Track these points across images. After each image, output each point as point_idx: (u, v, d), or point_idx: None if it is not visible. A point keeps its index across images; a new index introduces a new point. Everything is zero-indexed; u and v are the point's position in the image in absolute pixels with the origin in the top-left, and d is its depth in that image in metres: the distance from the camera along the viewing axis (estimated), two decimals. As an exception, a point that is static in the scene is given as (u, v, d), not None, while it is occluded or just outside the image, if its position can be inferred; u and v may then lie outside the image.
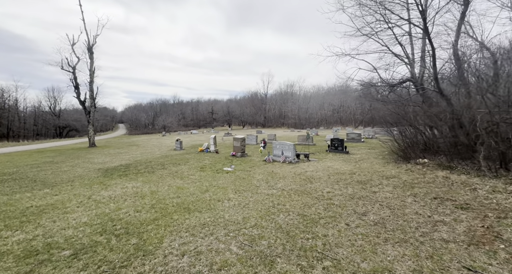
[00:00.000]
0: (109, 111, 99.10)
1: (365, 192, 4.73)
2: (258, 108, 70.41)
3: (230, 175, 7.39)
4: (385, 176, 5.88)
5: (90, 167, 10.42)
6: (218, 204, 4.50)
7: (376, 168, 6.96)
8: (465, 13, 6.79)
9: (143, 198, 5.36)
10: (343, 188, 5.08)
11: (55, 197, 5.77)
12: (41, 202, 5.29)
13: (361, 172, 6.59)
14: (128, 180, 7.43)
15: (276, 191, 5.19)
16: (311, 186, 5.37)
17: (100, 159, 13.12)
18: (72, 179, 7.84)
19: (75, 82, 22.32)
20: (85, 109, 22.66)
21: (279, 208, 4.01)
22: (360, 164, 8.00)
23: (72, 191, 6.30)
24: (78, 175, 8.67)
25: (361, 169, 7.06)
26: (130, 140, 32.40)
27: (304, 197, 4.56)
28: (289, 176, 6.77)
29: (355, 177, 6.02)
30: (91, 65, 22.56)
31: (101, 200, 5.37)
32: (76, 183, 7.27)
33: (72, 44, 22.23)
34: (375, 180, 5.50)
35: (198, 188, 5.93)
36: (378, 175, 6.11)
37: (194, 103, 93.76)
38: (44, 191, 6.40)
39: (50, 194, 6.06)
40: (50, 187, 6.79)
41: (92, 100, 22.71)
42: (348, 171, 6.90)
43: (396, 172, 6.19)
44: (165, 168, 9.35)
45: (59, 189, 6.58)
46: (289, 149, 9.26)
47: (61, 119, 58.41)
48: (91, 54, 22.54)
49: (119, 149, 18.75)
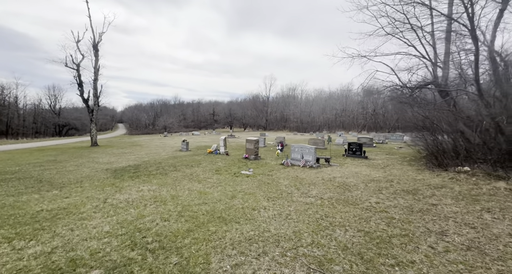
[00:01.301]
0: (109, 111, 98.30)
1: (421, 203, 4.21)
2: (260, 111, 69.98)
3: (252, 179, 6.90)
4: (431, 185, 5.37)
5: (97, 167, 9.89)
6: (254, 214, 4.00)
7: (413, 176, 6.48)
8: (503, 11, 6.40)
9: (165, 203, 4.85)
10: (391, 198, 4.59)
11: (66, 199, 5.24)
12: (52, 205, 4.76)
13: (399, 180, 6.10)
14: (141, 182, 6.91)
15: (313, 199, 4.69)
16: (351, 195, 4.88)
17: (105, 158, 12.58)
18: (80, 180, 7.31)
19: (79, 80, 21.81)
20: (88, 108, 22.13)
21: (330, 221, 3.51)
22: (389, 170, 7.52)
23: (83, 193, 5.78)
24: (85, 175, 8.14)
25: (396, 176, 6.56)
26: (132, 140, 31.79)
27: (350, 207, 4.07)
28: (318, 182, 6.28)
29: (396, 186, 5.53)
30: (95, 63, 22.10)
31: (118, 204, 4.86)
32: (85, 184, 6.75)
33: (77, 41, 21.77)
34: (424, 190, 5.00)
35: (223, 193, 5.43)
36: (421, 183, 5.60)
37: (195, 104, 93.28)
38: (52, 192, 5.87)
39: (60, 196, 5.53)
40: (59, 188, 6.26)
41: (95, 99, 22.20)
42: (383, 178, 6.42)
43: (440, 181, 5.69)
44: (177, 169, 8.84)
45: (69, 190, 6.05)
46: (309, 153, 8.78)
47: (61, 118, 57.68)
48: (96, 52, 22.09)
49: (122, 149, 18.19)
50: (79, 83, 21.57)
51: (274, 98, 72.69)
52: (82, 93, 21.73)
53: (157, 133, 56.01)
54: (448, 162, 6.80)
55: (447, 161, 6.85)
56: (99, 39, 22.09)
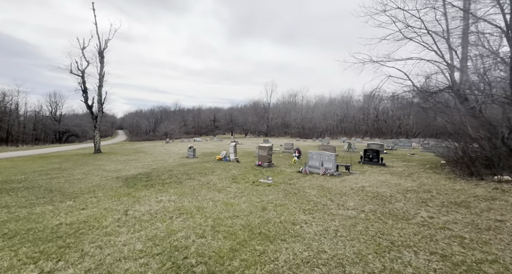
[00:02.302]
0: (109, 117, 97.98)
1: (483, 219, 3.78)
2: (261, 117, 69.96)
3: (275, 189, 6.55)
4: (479, 197, 4.95)
5: (105, 175, 9.51)
6: (297, 229, 3.64)
7: (449, 185, 6.10)
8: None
9: (192, 216, 4.48)
10: (443, 211, 4.18)
11: (83, 211, 4.86)
12: (70, 218, 4.38)
13: (437, 190, 5.70)
14: (157, 192, 6.54)
15: (354, 212, 4.34)
16: (395, 207, 4.52)
17: (111, 166, 12.20)
18: (92, 189, 6.93)
19: (83, 86, 21.63)
20: (92, 114, 21.86)
21: (389, 240, 3.11)
22: (418, 179, 7.17)
23: (99, 204, 5.40)
24: (96, 184, 7.76)
25: (431, 186, 6.16)
26: (134, 147, 31.37)
27: (403, 223, 3.69)
28: (347, 192, 5.94)
29: (439, 197, 5.11)
30: (101, 70, 21.98)
31: (141, 217, 4.48)
32: (99, 194, 6.37)
33: (83, 48, 21.71)
34: (474, 202, 4.60)
35: (251, 205, 5.07)
36: (465, 194, 5.15)
37: (195, 110, 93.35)
38: (66, 203, 5.49)
39: (75, 207, 5.15)
40: (72, 199, 5.88)
41: (100, 105, 21.97)
42: (417, 187, 6.06)
43: (484, 192, 5.30)
44: (191, 178, 8.47)
45: (83, 201, 5.67)
46: (329, 160, 8.47)
47: (62, 125, 57.27)
48: (101, 58, 22.02)
49: (127, 156, 17.80)
50: (83, 89, 21.38)
51: (275, 104, 72.93)
52: (86, 100, 21.52)
53: (158, 140, 55.60)
54: (481, 171, 6.50)
55: (481, 169, 6.55)
56: (104, 46, 22.08)
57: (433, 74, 10.55)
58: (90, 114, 21.89)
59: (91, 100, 21.64)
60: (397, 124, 48.90)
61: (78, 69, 21.26)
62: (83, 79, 21.49)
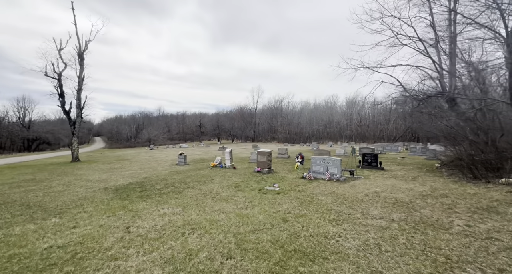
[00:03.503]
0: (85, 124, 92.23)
1: None
2: (248, 122, 69.66)
3: (285, 197, 6.18)
4: (501, 201, 4.95)
5: (90, 185, 8.57)
6: (334, 244, 3.28)
7: (461, 189, 6.09)
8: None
9: (207, 231, 3.97)
10: (477, 218, 4.05)
11: (74, 230, 4.15)
12: (62, 240, 3.68)
13: (452, 194, 5.67)
14: (156, 203, 5.90)
15: (384, 221, 4.09)
16: (423, 215, 4.31)
17: (94, 175, 11.14)
18: (79, 203, 6.10)
19: (60, 90, 19.99)
20: (70, 120, 20.21)
21: (444, 255, 2.77)
22: (426, 183, 7.17)
23: (92, 220, 4.69)
24: (82, 196, 6.90)
25: (443, 190, 6.14)
26: (116, 154, 29.45)
27: (443, 233, 3.42)
28: (363, 198, 5.73)
29: (460, 202, 5.05)
30: (80, 72, 20.54)
31: (147, 234, 3.89)
32: (89, 208, 5.60)
33: (59, 49, 20.20)
34: (500, 207, 4.56)
35: (268, 216, 4.65)
36: (485, 199, 5.15)
37: (179, 116, 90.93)
38: (51, 220, 4.71)
39: (64, 225, 4.40)
40: (57, 215, 5.08)
41: (79, 110, 20.43)
42: (430, 192, 6.01)
43: (501, 196, 5.32)
44: (190, 186, 7.86)
45: (72, 217, 4.91)
46: (334, 165, 8.30)
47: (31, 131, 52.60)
48: (81, 61, 20.63)
49: (110, 164, 16.51)
50: (60, 93, 19.75)
51: (262, 110, 73.13)
52: (63, 105, 19.88)
53: (140, 147, 53.00)
54: (484, 174, 6.66)
55: (484, 172, 6.71)
56: (85, 47, 20.75)
57: (424, 80, 10.99)
58: (68, 120, 20.21)
59: (69, 105, 20.07)
60: (379, 129, 51.03)
61: (54, 71, 19.64)
62: (59, 82, 19.87)
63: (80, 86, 20.32)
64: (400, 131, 49.66)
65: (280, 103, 70.72)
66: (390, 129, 50.84)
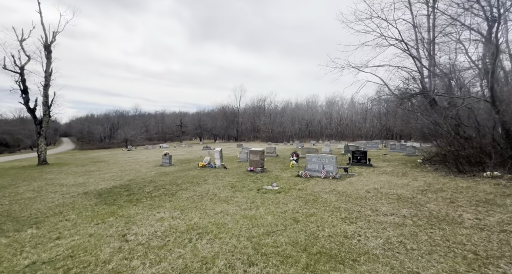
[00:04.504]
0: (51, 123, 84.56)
1: None
2: (231, 122, 68.83)
3: (288, 196, 6.01)
4: (496, 194, 5.19)
5: (67, 190, 7.70)
6: (357, 244, 3.14)
7: (452, 183, 6.42)
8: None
9: (216, 236, 3.64)
10: (482, 211, 4.17)
11: (59, 241, 3.59)
12: (47, 254, 3.13)
13: (447, 188, 5.92)
14: (150, 207, 5.40)
15: (396, 218, 4.06)
16: (431, 209, 4.35)
17: (69, 179, 10.10)
18: (58, 210, 5.38)
19: (22, 86, 17.91)
20: (35, 119, 18.22)
21: (471, 250, 2.82)
22: (418, 178, 7.44)
23: (78, 229, 4.11)
24: (59, 203, 6.13)
25: (437, 184, 6.42)
26: (89, 156, 27.28)
27: (459, 228, 3.45)
28: (366, 195, 5.74)
29: (457, 195, 5.27)
30: (47, 66, 18.62)
31: (149, 242, 3.47)
32: (71, 216, 4.95)
33: (21, 40, 18.10)
34: (497, 200, 4.78)
35: (277, 217, 4.43)
36: (480, 192, 5.42)
37: (158, 115, 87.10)
38: (27, 232, 4.05)
39: (44, 237, 3.79)
40: (33, 225, 4.40)
41: (46, 108, 18.48)
42: (426, 186, 6.24)
43: (491, 188, 5.64)
44: (183, 188, 7.38)
45: (52, 227, 4.27)
46: (330, 163, 8.32)
47: (-15, 131, 46.88)
48: (48, 53, 18.70)
49: (84, 167, 15.18)
50: (23, 89, 17.70)
51: (245, 109, 72.72)
52: (27, 102, 17.86)
53: (116, 147, 49.78)
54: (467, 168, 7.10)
55: (467, 166, 7.15)
56: (52, 39, 18.82)
57: (408, 80, 11.55)
58: (33, 118, 18.17)
59: (34, 102, 18.05)
60: (357, 128, 53.42)
61: (15, 64, 17.52)
62: (22, 77, 17.80)
63: (47, 81, 18.41)
64: (376, 129, 52.41)
65: (263, 103, 70.91)
66: (367, 128, 53.48)
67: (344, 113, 62.23)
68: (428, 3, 12.03)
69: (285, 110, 67.92)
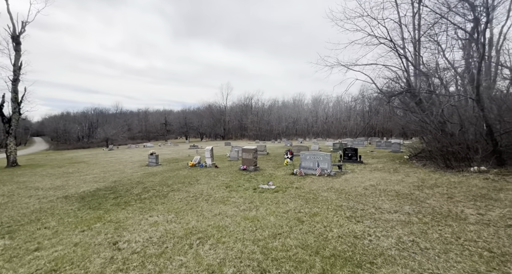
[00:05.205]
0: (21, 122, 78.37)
1: None
2: (218, 120, 67.82)
3: (287, 195, 5.85)
4: (488, 188, 5.36)
5: (43, 194, 7.03)
6: (368, 244, 3.04)
7: (444, 178, 6.60)
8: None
9: (219, 240, 3.38)
10: (482, 206, 4.26)
11: (38, 253, 3.15)
12: (24, 269, 2.72)
13: (442, 184, 6.06)
14: (140, 211, 5.01)
15: (401, 215, 4.01)
16: (432, 206, 4.34)
17: (45, 182, 9.29)
18: (34, 217, 4.83)
19: (-13, 79, 16.28)
20: (3, 117, 16.72)
21: (485, 248, 2.82)
22: (410, 174, 7.60)
23: (60, 237, 3.66)
24: (35, 209, 5.53)
25: (430, 180, 6.57)
26: (66, 156, 25.56)
27: (465, 224, 3.48)
28: (365, 192, 5.73)
29: (452, 190, 5.40)
30: (16, 59, 17.09)
31: (144, 250, 3.14)
32: (51, 223, 4.45)
33: (-16, 28, 16.44)
34: (491, 194, 4.94)
35: (280, 217, 4.24)
36: (472, 186, 5.60)
37: (142, 113, 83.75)
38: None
39: (19, 248, 3.32)
40: (5, 235, 3.89)
41: (16, 105, 16.98)
42: (420, 182, 6.37)
43: (482, 182, 5.85)
44: (175, 189, 7.00)
45: (29, 236, 3.78)
46: (324, 160, 8.29)
47: None
48: (17, 45, 17.16)
49: (61, 168, 14.14)
50: (-12, 83, 16.09)
51: (232, 107, 72.01)
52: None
53: (96, 147, 47.21)
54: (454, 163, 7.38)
55: (453, 162, 7.43)
56: (21, 29, 17.26)
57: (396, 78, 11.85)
58: (0, 116, 16.61)
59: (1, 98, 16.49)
60: (343, 126, 54.87)
61: (-24, 56, 15.91)
62: (-14, 70, 16.22)
63: (16, 76, 16.89)
64: (360, 127, 54.13)
65: (250, 101, 70.58)
66: (351, 126, 55.10)
67: (329, 111, 63.69)
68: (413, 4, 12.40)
69: (272, 108, 68.14)
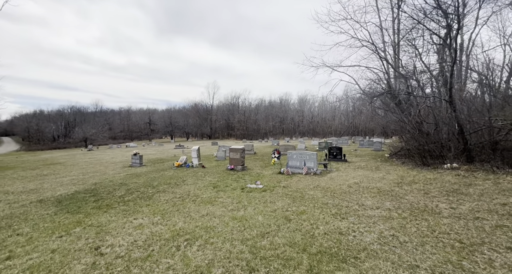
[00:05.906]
0: (-13, 120, 72.34)
1: (492, 205, 4.20)
2: (204, 119, 66.83)
3: (274, 194, 5.92)
4: (460, 184, 5.74)
5: (14, 199, 6.58)
6: (352, 240, 3.15)
7: (421, 175, 7.01)
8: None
9: (207, 241, 3.36)
10: (454, 201, 4.58)
11: (10, 262, 2.97)
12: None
13: (419, 180, 6.42)
14: (124, 213, 4.85)
15: (383, 211, 4.19)
16: (410, 201, 4.60)
17: (16, 185, 8.70)
18: (4, 224, 4.51)
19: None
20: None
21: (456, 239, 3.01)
22: (389, 172, 7.98)
23: (34, 244, 3.45)
24: (6, 214, 5.17)
25: (408, 177, 6.94)
26: (40, 158, 24.02)
27: (439, 217, 3.69)
28: (349, 190, 5.93)
29: (428, 187, 5.73)
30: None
31: (129, 254, 3.04)
32: (24, 229, 4.18)
33: None
34: (462, 189, 5.28)
35: (268, 216, 4.28)
36: (445, 182, 5.99)
37: (123, 112, 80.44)
38: (-35, 257, 3.26)
39: (-11, 262, 3.09)
40: (-28, 246, 3.58)
41: (-17, 100, 15.65)
42: (399, 179, 6.69)
43: (454, 179, 6.25)
44: (161, 190, 6.83)
45: (1, 244, 3.53)
46: (310, 159, 8.47)
47: None
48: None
49: (35, 170, 13.29)
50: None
51: (218, 106, 71.28)
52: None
53: (73, 148, 44.76)
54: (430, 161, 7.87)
55: (429, 160, 7.92)
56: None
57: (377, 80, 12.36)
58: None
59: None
60: (328, 125, 56.31)
61: None
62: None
63: (-16, 70, 15.56)
64: (344, 127, 55.81)
65: (237, 100, 70.26)
66: (336, 125, 56.71)
67: (315, 111, 65.08)
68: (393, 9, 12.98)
69: (259, 108, 68.33)
